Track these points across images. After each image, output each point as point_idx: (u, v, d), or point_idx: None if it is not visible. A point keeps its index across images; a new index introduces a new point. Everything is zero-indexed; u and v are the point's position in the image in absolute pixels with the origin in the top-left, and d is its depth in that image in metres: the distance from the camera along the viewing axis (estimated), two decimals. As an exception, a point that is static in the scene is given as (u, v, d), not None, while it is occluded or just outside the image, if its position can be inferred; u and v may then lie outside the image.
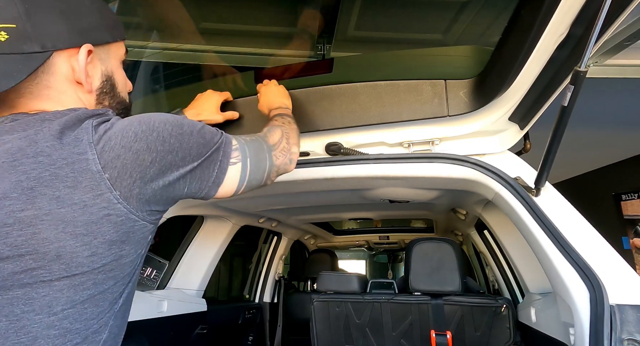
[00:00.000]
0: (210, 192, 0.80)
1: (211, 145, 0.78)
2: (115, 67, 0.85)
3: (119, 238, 0.66)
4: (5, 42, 0.68)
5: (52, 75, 0.73)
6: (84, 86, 0.77)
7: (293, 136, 1.10)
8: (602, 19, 0.75)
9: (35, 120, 0.67)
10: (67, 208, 0.61)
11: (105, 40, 0.81)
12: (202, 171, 0.76)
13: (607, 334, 0.94)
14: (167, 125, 0.71)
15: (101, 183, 0.63)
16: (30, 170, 0.61)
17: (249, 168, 0.87)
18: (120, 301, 0.71)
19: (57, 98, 0.74)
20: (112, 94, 0.84)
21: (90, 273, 0.64)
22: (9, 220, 0.59)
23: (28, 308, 0.59)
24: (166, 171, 0.70)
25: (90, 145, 0.65)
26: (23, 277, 0.59)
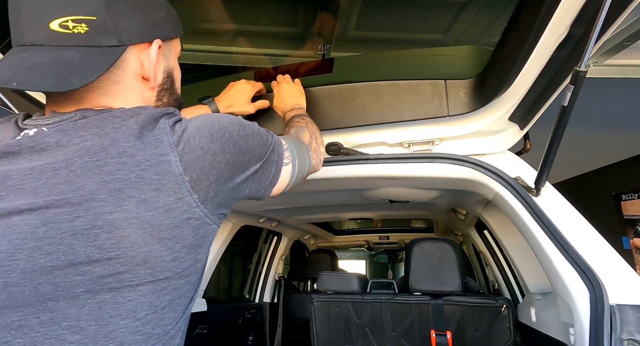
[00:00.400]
0: (266, 192, 0.81)
1: (268, 146, 0.78)
2: (175, 63, 0.84)
3: (196, 243, 0.66)
4: (85, 34, 0.66)
5: (122, 70, 0.72)
6: (150, 82, 0.76)
7: (318, 136, 1.10)
8: (602, 19, 0.75)
9: (107, 118, 0.65)
10: (153, 212, 0.60)
11: (170, 36, 0.80)
12: (262, 172, 0.76)
13: (607, 334, 0.94)
14: (234, 125, 0.71)
15: (182, 186, 0.62)
16: (115, 170, 0.60)
17: (297, 168, 0.88)
18: (190, 306, 0.71)
19: (124, 95, 0.73)
20: (171, 91, 0.83)
21: (172, 278, 0.63)
22: (98, 222, 0.57)
23: (115, 313, 0.58)
24: (235, 173, 0.70)
25: (171, 146, 0.63)
26: (111, 281, 0.58)
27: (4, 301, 0.55)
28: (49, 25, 0.65)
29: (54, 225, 0.57)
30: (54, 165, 0.59)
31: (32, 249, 0.56)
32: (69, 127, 0.64)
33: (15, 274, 0.55)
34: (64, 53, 0.65)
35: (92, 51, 0.67)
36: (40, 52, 0.65)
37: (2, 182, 0.60)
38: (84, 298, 0.56)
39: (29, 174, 0.59)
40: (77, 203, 0.57)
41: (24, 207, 0.57)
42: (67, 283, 0.56)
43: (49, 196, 0.58)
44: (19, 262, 0.56)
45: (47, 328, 0.55)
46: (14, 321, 0.54)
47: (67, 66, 0.64)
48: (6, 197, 0.59)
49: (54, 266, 0.56)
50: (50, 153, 0.61)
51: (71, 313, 0.56)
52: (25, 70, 0.63)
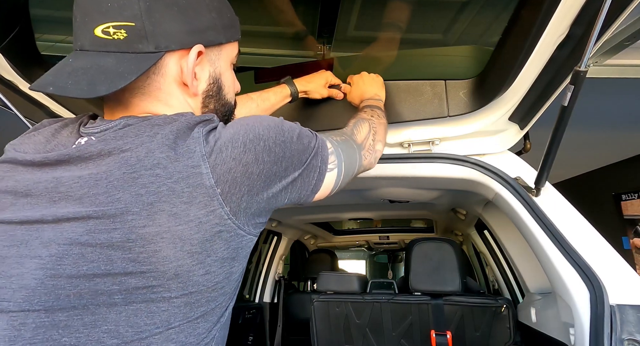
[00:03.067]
0: (308, 199, 0.77)
1: (310, 151, 0.73)
2: (224, 69, 0.81)
3: (229, 256, 0.65)
4: (124, 41, 0.66)
5: (162, 76, 0.71)
6: (189, 89, 0.74)
7: (380, 131, 1.05)
8: (602, 19, 0.75)
9: (146, 126, 0.65)
10: (184, 226, 0.59)
11: (218, 41, 0.77)
12: (302, 180, 0.73)
13: (607, 334, 0.94)
14: (271, 132, 0.68)
15: (214, 198, 0.61)
16: (148, 183, 0.60)
17: (343, 172, 0.84)
18: (226, 314, 0.71)
19: (166, 101, 0.73)
20: (217, 97, 0.80)
21: (205, 292, 0.63)
22: (132, 235, 0.58)
23: (150, 321, 0.59)
24: (271, 183, 0.67)
25: (203, 157, 0.62)
26: (145, 292, 0.59)
27: (52, 302, 0.58)
28: (94, 31, 0.66)
29: (94, 235, 0.59)
30: (96, 176, 0.61)
31: (77, 256, 0.59)
32: (111, 136, 0.65)
33: (62, 278, 0.58)
34: (103, 59, 0.66)
35: (127, 57, 0.66)
36: (84, 57, 0.67)
37: (55, 187, 0.62)
38: (121, 305, 0.58)
39: (76, 182, 0.62)
40: (113, 215, 0.59)
41: (71, 215, 0.60)
42: (106, 290, 0.58)
43: (90, 206, 0.60)
44: (66, 267, 0.58)
45: (89, 329, 0.57)
46: (61, 320, 0.57)
47: (102, 72, 0.65)
48: (58, 202, 0.61)
49: (95, 274, 0.58)
50: (94, 162, 0.63)
51: (110, 318, 0.58)
52: (64, 75, 0.64)
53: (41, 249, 0.60)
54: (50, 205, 0.62)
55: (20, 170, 0.67)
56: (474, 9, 1.25)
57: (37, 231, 0.61)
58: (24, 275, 0.59)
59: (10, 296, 0.58)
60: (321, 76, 1.32)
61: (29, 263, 0.59)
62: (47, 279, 0.58)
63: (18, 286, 0.58)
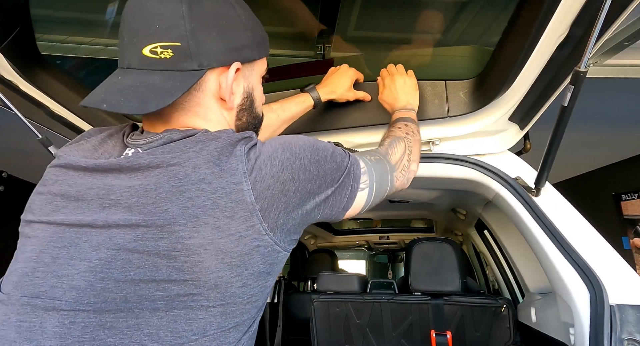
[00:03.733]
0: (339, 216, 0.80)
1: (342, 170, 0.76)
2: (256, 83, 0.85)
3: (265, 270, 0.68)
4: (170, 60, 0.70)
5: (202, 92, 0.75)
6: (226, 103, 0.77)
7: (415, 151, 1.05)
8: (602, 19, 0.75)
9: (191, 142, 0.68)
10: (225, 239, 0.62)
11: (252, 58, 0.81)
12: (334, 198, 0.76)
13: (607, 334, 0.94)
14: (307, 151, 0.72)
15: (253, 214, 0.64)
16: (194, 196, 0.63)
17: (374, 192, 0.86)
18: (254, 325, 0.74)
19: (204, 115, 0.76)
20: (250, 110, 0.84)
21: (240, 304, 0.66)
22: (178, 245, 0.61)
23: (188, 328, 0.62)
24: (305, 200, 0.70)
25: (244, 175, 0.65)
26: (186, 300, 0.62)
27: (101, 304, 0.61)
28: (142, 50, 0.69)
29: (142, 242, 0.62)
30: (146, 187, 0.64)
31: (124, 261, 0.62)
32: (159, 150, 0.68)
33: (110, 282, 0.62)
34: (150, 77, 0.69)
35: (173, 75, 0.70)
36: (132, 75, 0.70)
37: (106, 194, 0.66)
38: (163, 310, 0.61)
39: (126, 191, 0.65)
40: (161, 225, 0.62)
41: (121, 222, 0.63)
42: (150, 296, 0.61)
43: (139, 215, 0.63)
44: (114, 271, 0.62)
45: (132, 331, 0.60)
46: (107, 321, 0.61)
47: (150, 89, 0.68)
48: (108, 208, 0.65)
49: (141, 279, 0.61)
50: (144, 174, 0.66)
51: (152, 322, 0.61)
52: (115, 93, 0.68)
53: (91, 252, 0.63)
54: (101, 210, 0.65)
55: (71, 175, 0.71)
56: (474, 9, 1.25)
57: (86, 234, 0.64)
58: (74, 276, 0.62)
59: (62, 295, 0.62)
60: (345, 78, 1.28)
61: (79, 265, 0.63)
62: (96, 281, 0.62)
63: (69, 286, 0.62)
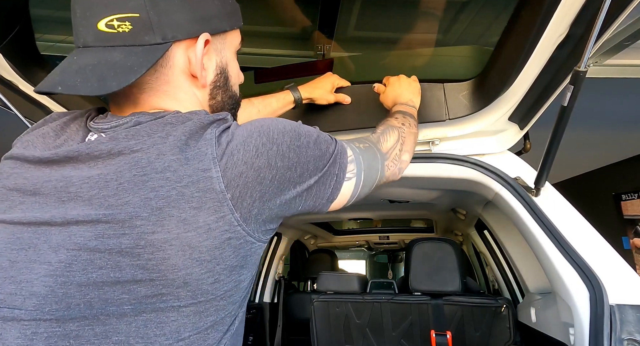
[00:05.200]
0: (323, 208, 0.74)
1: (327, 157, 0.70)
2: (230, 58, 0.78)
3: (238, 263, 0.62)
4: (130, 33, 0.63)
5: (170, 69, 0.68)
6: (198, 80, 0.71)
7: (409, 142, 1.00)
8: (602, 19, 0.75)
9: (158, 125, 0.63)
10: (192, 232, 0.57)
11: (223, 29, 0.74)
12: (318, 188, 0.70)
13: (607, 334, 0.94)
14: (286, 136, 0.65)
15: (224, 204, 0.59)
16: (158, 187, 0.57)
17: (362, 182, 0.79)
18: (236, 323, 0.68)
19: (174, 95, 0.70)
20: (225, 88, 0.77)
21: (214, 300, 0.61)
22: (141, 242, 0.56)
23: (159, 332, 0.58)
24: (284, 189, 0.64)
25: (214, 160, 0.59)
26: (155, 301, 0.57)
27: (63, 311, 0.56)
28: (97, 25, 0.63)
29: (103, 240, 0.57)
30: (106, 177, 0.59)
31: (85, 262, 0.57)
32: (122, 134, 0.62)
33: (72, 286, 0.56)
34: (110, 54, 0.63)
35: (135, 50, 0.63)
36: (89, 53, 0.64)
37: (65, 187, 0.60)
38: (131, 316, 0.56)
39: (85, 183, 0.59)
40: (122, 220, 0.57)
41: (80, 218, 0.58)
42: (116, 300, 0.56)
43: (99, 209, 0.57)
44: (75, 274, 0.56)
45: (100, 340, 0.56)
46: (72, 330, 0.56)
47: (110, 68, 0.62)
48: (67, 203, 0.59)
49: (104, 282, 0.56)
50: (104, 162, 0.60)
51: (120, 329, 0.56)
52: (72, 74, 0.62)
53: (50, 254, 0.58)
54: (59, 205, 0.60)
55: (27, 167, 0.65)
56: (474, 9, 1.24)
57: (45, 234, 0.59)
58: (33, 282, 0.57)
59: (21, 303, 0.56)
60: (327, 81, 1.28)
61: (38, 269, 0.57)
62: (57, 287, 0.56)
63: (28, 293, 0.57)
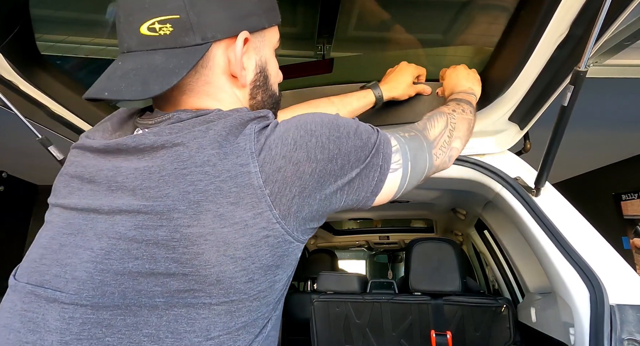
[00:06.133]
0: (367, 202, 0.70)
1: (369, 148, 0.67)
2: (269, 56, 0.76)
3: (273, 263, 0.60)
4: (170, 36, 0.63)
5: (210, 70, 0.68)
6: (238, 80, 0.70)
7: (460, 127, 0.93)
8: (602, 19, 0.75)
9: (199, 121, 0.62)
10: (228, 228, 0.56)
11: (261, 26, 0.72)
12: (360, 180, 0.66)
13: (607, 334, 0.94)
14: (324, 127, 0.63)
15: (262, 200, 0.57)
16: (197, 180, 0.57)
17: (409, 173, 0.74)
18: (268, 326, 0.66)
19: (215, 96, 0.69)
20: (264, 88, 0.76)
21: (246, 301, 0.59)
22: (176, 234, 0.56)
23: (189, 329, 0.56)
24: (324, 183, 0.62)
25: (252, 155, 0.58)
26: (186, 296, 0.56)
27: (99, 298, 0.56)
28: (139, 29, 0.63)
29: (141, 230, 0.57)
30: (150, 169, 0.59)
31: (123, 251, 0.57)
32: (166, 130, 0.62)
33: (109, 274, 0.57)
34: (151, 57, 0.63)
35: (176, 53, 0.63)
36: (133, 58, 0.64)
37: (114, 176, 0.62)
38: (162, 309, 0.56)
39: (132, 174, 0.60)
40: (160, 211, 0.57)
41: (124, 208, 0.58)
42: (149, 291, 0.56)
43: (141, 199, 0.58)
44: (113, 262, 0.57)
45: (131, 331, 0.56)
46: (105, 319, 0.56)
47: (152, 71, 0.62)
48: (115, 192, 0.60)
49: (139, 272, 0.56)
50: (150, 155, 0.61)
51: (151, 322, 0.56)
52: (117, 79, 0.62)
53: (94, 241, 0.59)
54: (109, 194, 0.61)
55: (87, 156, 0.67)
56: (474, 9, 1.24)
57: (92, 221, 0.60)
58: (76, 266, 0.58)
59: (64, 286, 0.58)
60: (406, 74, 1.21)
61: (82, 254, 0.59)
62: (95, 273, 0.57)
63: (71, 277, 0.58)
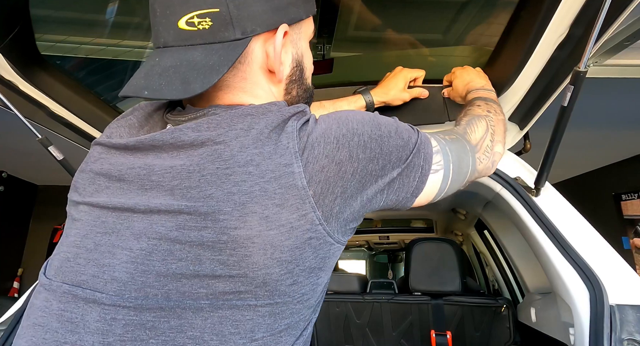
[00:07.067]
0: (407, 203, 0.68)
1: (410, 147, 0.65)
2: (305, 49, 0.73)
3: (317, 265, 0.59)
4: (210, 30, 0.60)
5: (247, 65, 0.65)
6: (275, 75, 0.67)
7: (499, 130, 0.91)
8: (602, 19, 0.75)
9: (239, 117, 0.60)
10: (275, 231, 0.55)
11: (300, 17, 0.69)
12: (401, 181, 0.64)
13: (607, 334, 0.94)
14: (366, 126, 0.61)
15: (306, 201, 0.56)
16: (241, 181, 0.55)
17: (450, 176, 0.72)
18: (309, 328, 0.65)
19: (251, 92, 0.66)
20: (300, 82, 0.73)
21: (290, 303, 0.58)
22: (223, 237, 0.54)
23: (234, 331, 0.55)
24: (366, 183, 0.60)
25: (295, 155, 0.56)
26: (232, 298, 0.55)
27: (141, 300, 0.55)
28: (177, 24, 0.61)
29: (184, 231, 0.55)
30: (189, 168, 0.57)
31: (165, 252, 0.56)
32: (204, 126, 0.60)
33: (151, 275, 0.55)
34: (190, 53, 0.61)
35: (214, 48, 0.61)
36: (170, 54, 0.62)
37: (147, 175, 0.60)
38: (207, 311, 0.55)
39: (168, 172, 0.58)
40: (205, 213, 0.55)
41: (163, 208, 0.57)
42: (193, 293, 0.55)
43: (181, 199, 0.56)
44: (155, 264, 0.56)
45: (175, 333, 0.54)
46: (148, 320, 0.55)
47: (192, 69, 0.59)
48: (149, 191, 0.59)
49: (183, 274, 0.55)
50: (187, 152, 0.59)
51: (196, 324, 0.55)
52: (156, 77, 0.60)
53: (132, 241, 0.57)
54: (142, 192, 0.59)
55: (113, 153, 0.65)
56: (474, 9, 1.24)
57: (128, 220, 0.58)
58: (115, 267, 0.56)
59: (103, 287, 0.56)
60: (399, 78, 1.20)
61: (120, 254, 0.57)
62: (137, 274, 0.56)
63: (110, 277, 0.56)
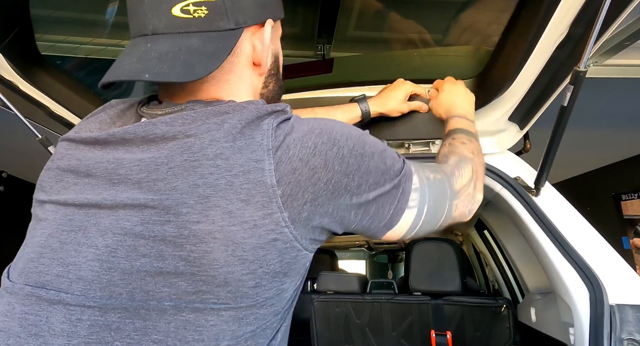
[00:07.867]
0: (377, 234, 0.67)
1: (392, 175, 0.64)
2: (279, 47, 0.76)
3: (281, 270, 0.57)
4: (206, 19, 0.61)
5: (236, 57, 0.66)
6: (260, 68, 0.69)
7: (480, 177, 0.88)
8: (602, 19, 0.75)
9: (214, 113, 0.59)
10: (237, 227, 0.53)
11: (279, 16, 0.72)
12: (377, 208, 0.63)
13: (607, 334, 0.94)
14: (349, 140, 0.60)
15: (273, 200, 0.54)
16: (207, 173, 0.54)
17: (423, 217, 0.70)
18: (278, 337, 0.64)
19: (236, 85, 0.67)
20: (277, 77, 0.75)
21: (254, 307, 0.57)
22: (185, 231, 0.53)
23: (198, 337, 0.54)
24: (338, 196, 0.59)
25: (268, 152, 0.55)
26: (194, 299, 0.54)
27: (106, 299, 0.54)
28: (171, 10, 0.61)
29: (149, 225, 0.54)
30: (157, 160, 0.56)
31: (130, 248, 0.55)
32: (178, 121, 0.59)
33: (116, 273, 0.54)
34: (187, 40, 0.61)
35: (212, 36, 0.62)
36: (164, 40, 0.61)
37: (115, 169, 0.59)
38: (170, 314, 0.54)
39: (136, 165, 0.57)
40: (168, 206, 0.54)
41: (129, 202, 0.56)
42: (157, 293, 0.54)
43: (148, 193, 0.55)
44: (119, 260, 0.55)
45: (140, 336, 0.53)
46: (113, 321, 0.53)
47: (192, 54, 0.60)
48: (117, 185, 0.58)
49: (147, 271, 0.54)
50: (157, 146, 0.58)
51: (160, 327, 0.53)
52: (154, 61, 0.59)
53: (98, 238, 0.56)
54: (110, 187, 0.58)
55: (82, 148, 0.64)
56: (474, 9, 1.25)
57: (95, 217, 0.57)
58: (81, 265, 0.55)
59: (68, 287, 0.55)
60: (399, 91, 1.17)
61: (85, 252, 0.56)
62: (102, 272, 0.54)
63: (75, 277, 0.55)
